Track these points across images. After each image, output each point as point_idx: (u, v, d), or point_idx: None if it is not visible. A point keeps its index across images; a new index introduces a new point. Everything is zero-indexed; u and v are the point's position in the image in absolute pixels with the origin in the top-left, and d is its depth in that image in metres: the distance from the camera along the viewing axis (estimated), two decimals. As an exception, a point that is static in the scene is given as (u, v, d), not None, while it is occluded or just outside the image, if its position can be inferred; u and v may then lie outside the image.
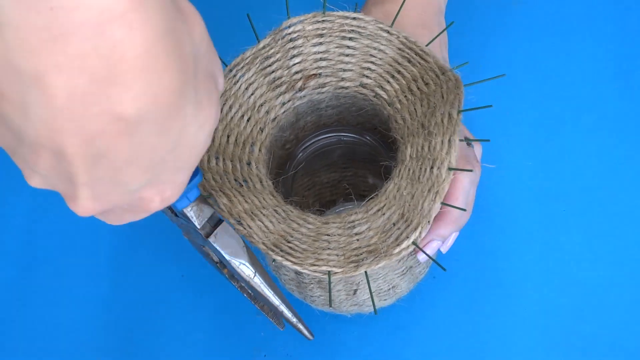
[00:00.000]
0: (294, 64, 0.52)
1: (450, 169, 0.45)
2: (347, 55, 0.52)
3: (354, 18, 0.52)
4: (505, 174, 0.67)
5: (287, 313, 0.47)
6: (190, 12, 0.32)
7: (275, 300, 0.46)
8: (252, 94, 0.51)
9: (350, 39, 0.51)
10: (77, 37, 0.26)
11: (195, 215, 0.43)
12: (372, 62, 0.51)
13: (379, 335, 0.63)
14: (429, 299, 0.64)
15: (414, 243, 0.45)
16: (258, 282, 0.46)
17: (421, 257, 0.52)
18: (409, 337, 0.63)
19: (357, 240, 0.47)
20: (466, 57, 0.71)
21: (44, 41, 0.26)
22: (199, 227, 0.44)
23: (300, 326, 0.48)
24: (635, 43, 0.72)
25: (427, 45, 0.51)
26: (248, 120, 0.51)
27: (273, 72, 0.52)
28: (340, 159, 0.61)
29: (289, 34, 0.51)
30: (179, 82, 0.30)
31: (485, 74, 0.54)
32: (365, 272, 0.45)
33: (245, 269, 0.45)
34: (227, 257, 0.45)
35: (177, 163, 0.33)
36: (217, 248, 0.45)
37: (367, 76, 0.51)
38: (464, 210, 0.47)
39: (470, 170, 0.46)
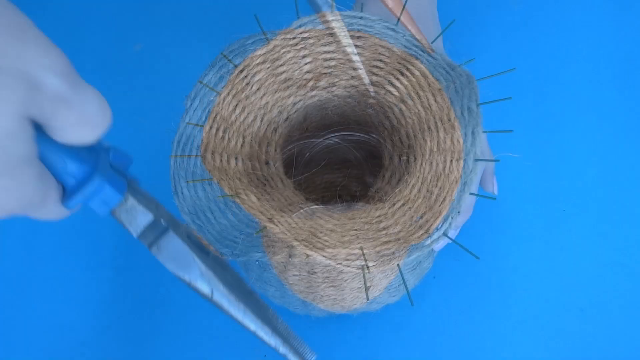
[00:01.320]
0: (305, 64, 0.52)
1: (476, 159, 0.46)
2: (356, 54, 0.52)
3: (361, 17, 0.52)
4: (505, 174, 0.68)
5: (265, 337, 0.39)
6: None
7: (252, 325, 0.39)
8: (264, 95, 0.51)
9: (358, 37, 0.52)
10: None
11: (127, 222, 0.39)
12: (380, 60, 0.52)
13: (379, 335, 0.64)
14: (429, 299, 0.64)
15: (444, 234, 0.46)
16: (218, 300, 0.39)
17: (437, 246, 0.53)
18: (409, 337, 0.64)
19: (386, 234, 0.47)
20: (467, 55, 0.73)
21: None
22: (136, 236, 0.39)
23: (290, 356, 0.40)
24: (636, 42, 0.74)
25: (432, 42, 0.53)
26: (262, 121, 0.51)
27: (284, 72, 0.52)
28: (337, 158, 0.62)
29: (300, 34, 0.52)
30: None
31: (484, 73, 0.55)
32: (399, 264, 0.46)
33: (201, 286, 0.39)
34: (173, 272, 0.39)
35: None
36: (160, 261, 0.39)
37: (376, 74, 0.52)
38: (494, 198, 0.48)
39: (498, 160, 0.47)
